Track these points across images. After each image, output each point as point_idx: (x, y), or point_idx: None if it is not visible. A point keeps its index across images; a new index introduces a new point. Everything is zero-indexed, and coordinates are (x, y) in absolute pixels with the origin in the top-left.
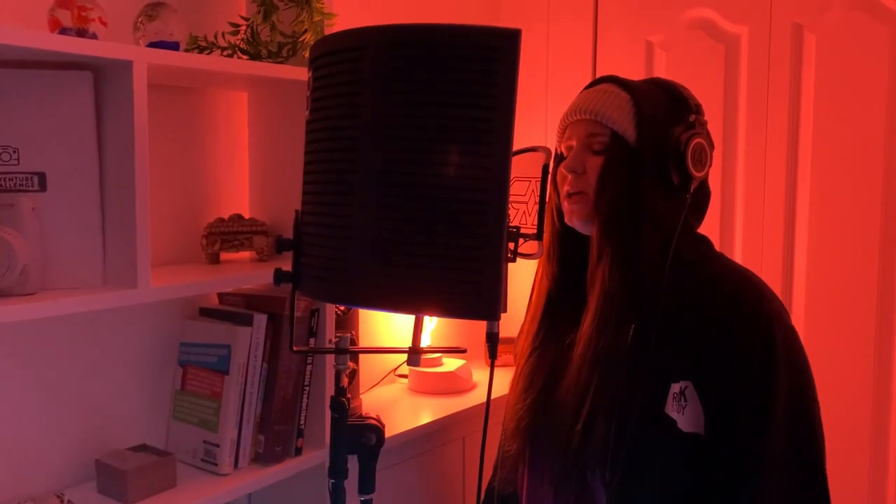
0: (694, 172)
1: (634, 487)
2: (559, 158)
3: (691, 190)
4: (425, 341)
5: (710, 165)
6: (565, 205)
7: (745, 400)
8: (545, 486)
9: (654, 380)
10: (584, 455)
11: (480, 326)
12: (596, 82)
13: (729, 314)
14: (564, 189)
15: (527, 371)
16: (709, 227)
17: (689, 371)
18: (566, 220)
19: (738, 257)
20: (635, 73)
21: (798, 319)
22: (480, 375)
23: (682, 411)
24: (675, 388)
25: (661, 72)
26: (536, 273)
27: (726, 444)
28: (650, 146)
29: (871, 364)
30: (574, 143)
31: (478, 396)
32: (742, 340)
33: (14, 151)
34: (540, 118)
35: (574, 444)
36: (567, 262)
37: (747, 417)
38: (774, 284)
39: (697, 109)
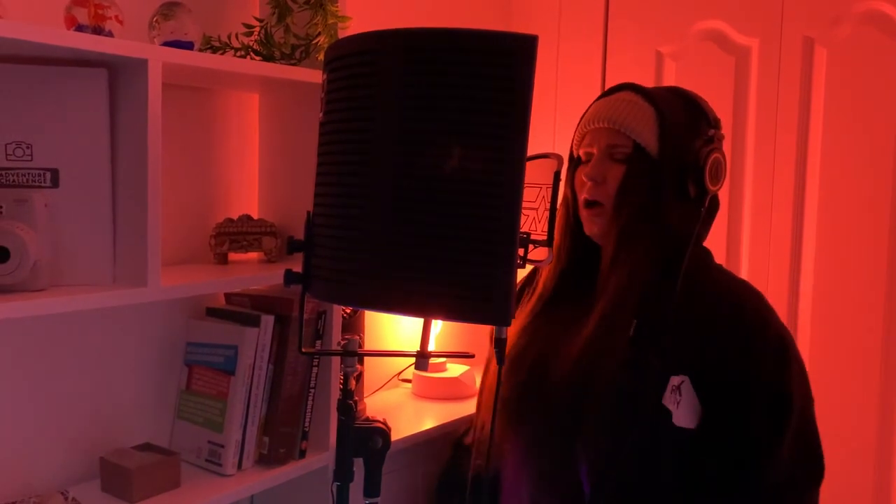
0: (710, 186)
1: (618, 470)
2: (576, 162)
3: (706, 203)
4: (430, 346)
5: (725, 179)
6: (583, 213)
7: (763, 394)
8: (528, 468)
9: (652, 372)
10: (574, 439)
11: (484, 332)
12: (615, 89)
13: (735, 318)
14: (583, 196)
15: (513, 355)
16: (715, 239)
17: (690, 368)
18: (585, 229)
19: (745, 269)
20: (645, 83)
21: (804, 331)
22: None
23: (677, 405)
24: (675, 380)
25: (670, 83)
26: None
27: (731, 437)
28: (671, 159)
29: (877, 377)
30: (595, 150)
31: None
32: (754, 342)
33: (28, 147)
34: (549, 126)
35: (564, 428)
36: (574, 257)
37: (765, 410)
38: (780, 297)
39: (716, 123)
